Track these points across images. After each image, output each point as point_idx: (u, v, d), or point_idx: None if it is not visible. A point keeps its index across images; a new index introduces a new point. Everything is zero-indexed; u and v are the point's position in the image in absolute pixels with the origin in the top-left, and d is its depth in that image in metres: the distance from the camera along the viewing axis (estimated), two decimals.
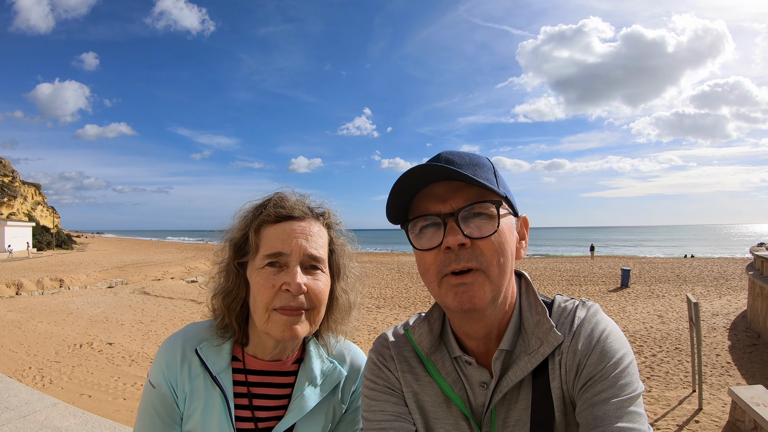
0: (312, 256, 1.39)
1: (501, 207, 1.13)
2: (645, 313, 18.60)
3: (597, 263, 43.87)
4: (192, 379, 1.42)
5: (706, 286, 25.41)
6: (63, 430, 3.41)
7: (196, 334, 1.48)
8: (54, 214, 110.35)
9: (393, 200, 1.17)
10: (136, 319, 20.25)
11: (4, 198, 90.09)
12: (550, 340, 1.13)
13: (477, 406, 1.21)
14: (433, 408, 1.26)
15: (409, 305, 23.32)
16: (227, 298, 1.45)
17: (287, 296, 1.32)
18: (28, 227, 70.36)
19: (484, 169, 1.17)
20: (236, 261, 1.45)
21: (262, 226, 1.41)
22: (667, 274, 31.87)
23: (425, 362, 1.30)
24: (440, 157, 1.18)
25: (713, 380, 10.10)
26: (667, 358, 12.25)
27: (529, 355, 1.14)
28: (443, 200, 1.13)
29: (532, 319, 1.19)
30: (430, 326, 1.31)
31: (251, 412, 1.45)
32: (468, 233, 1.09)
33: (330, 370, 1.54)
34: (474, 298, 1.08)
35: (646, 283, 27.83)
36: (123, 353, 14.67)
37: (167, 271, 42.48)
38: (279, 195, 1.48)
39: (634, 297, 22.98)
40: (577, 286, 27.88)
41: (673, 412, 8.18)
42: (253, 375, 1.48)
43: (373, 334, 16.53)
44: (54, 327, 18.30)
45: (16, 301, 25.56)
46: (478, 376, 1.21)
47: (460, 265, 1.09)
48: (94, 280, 35.47)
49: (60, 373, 12.55)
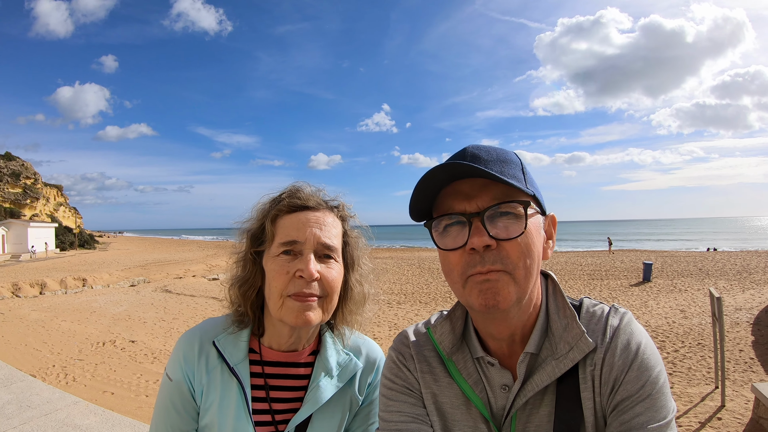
0: (325, 244, 1.42)
1: (529, 207, 1.07)
2: (667, 308, 18.40)
3: (618, 257, 43.27)
4: (209, 372, 1.44)
5: (729, 280, 25.00)
6: (84, 428, 3.45)
7: (213, 326, 1.51)
8: (76, 215, 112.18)
9: (416, 197, 1.13)
10: (158, 316, 20.54)
11: (27, 200, 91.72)
12: (580, 346, 1.08)
13: (497, 409, 1.17)
14: (452, 410, 1.22)
15: (429, 301, 23.34)
16: (243, 286, 1.49)
17: (301, 283, 1.36)
18: (51, 228, 71.49)
19: (511, 166, 1.12)
20: (253, 250, 1.48)
21: (279, 216, 1.45)
22: (690, 267, 31.39)
23: (446, 362, 1.26)
24: (466, 151, 1.14)
25: (736, 376, 9.94)
26: (689, 353, 12.10)
27: (557, 359, 1.10)
28: (469, 198, 1.08)
29: (560, 323, 1.14)
30: (453, 325, 1.27)
31: (268, 404, 1.46)
32: (494, 234, 1.04)
33: (346, 361, 1.56)
34: (498, 296, 1.04)
35: (668, 277, 27.45)
36: (145, 350, 14.88)
37: (189, 269, 42.96)
38: (295, 186, 1.52)
39: (657, 291, 22.72)
40: (599, 281, 27.60)
41: (695, 409, 8.08)
42: (270, 366, 1.50)
43: (393, 330, 16.57)
44: (77, 325, 18.61)
45: (40, 301, 26.04)
46: (500, 379, 1.17)
47: (485, 267, 1.04)
48: (116, 279, 36.00)
49: (83, 371, 12.76)
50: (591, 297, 1.23)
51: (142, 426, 3.51)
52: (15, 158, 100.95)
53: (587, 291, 23.90)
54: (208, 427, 1.44)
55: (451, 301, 22.52)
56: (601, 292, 23.42)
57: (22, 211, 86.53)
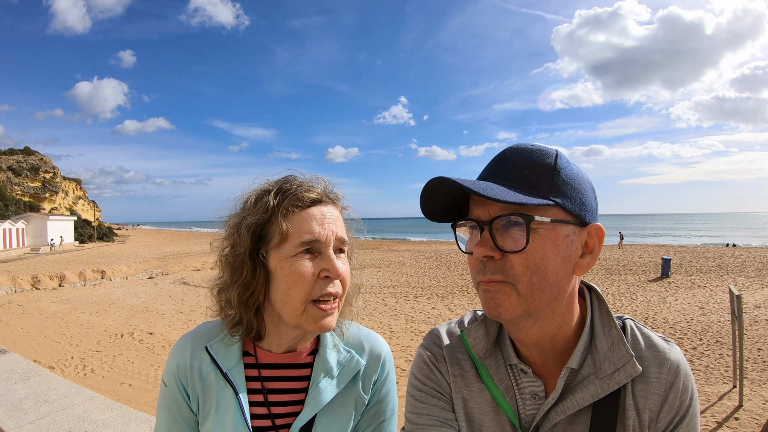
0: (342, 239, 1.34)
1: (532, 221, 0.99)
2: (686, 304, 18.21)
3: (636, 252, 42.80)
4: (203, 379, 1.37)
5: (749, 276, 24.67)
6: (100, 423, 3.50)
7: (207, 331, 1.42)
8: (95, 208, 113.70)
9: (429, 205, 1.12)
10: (176, 308, 20.76)
11: (46, 193, 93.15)
12: (627, 370, 1.03)
13: (525, 418, 1.14)
14: (481, 415, 1.19)
15: (446, 294, 23.24)
16: (245, 293, 1.32)
17: (326, 283, 1.27)
18: (70, 221, 72.53)
19: (535, 172, 1.04)
20: (258, 250, 1.32)
21: (291, 211, 1.31)
22: (708, 263, 31.00)
23: (478, 367, 1.22)
24: (499, 157, 1.11)
25: (754, 376, 9.84)
26: (707, 351, 11.99)
27: (601, 379, 1.05)
28: (484, 205, 1.04)
29: (606, 342, 1.09)
30: (487, 330, 1.23)
31: (267, 408, 1.39)
32: (500, 245, 1.00)
33: (347, 360, 1.47)
34: (500, 307, 1.01)
35: (686, 273, 27.11)
36: (163, 342, 15.07)
37: (207, 262, 43.11)
38: (294, 178, 1.39)
39: (675, 287, 22.43)
40: (617, 276, 27.34)
41: (712, 408, 8.01)
42: (267, 369, 1.42)
43: (410, 323, 16.58)
44: (96, 317, 18.88)
45: (59, 293, 26.45)
46: (531, 387, 1.13)
47: (486, 277, 1.02)
48: (134, 271, 36.42)
49: (101, 362, 12.95)
50: (632, 318, 1.18)
51: None
52: (34, 153, 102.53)
53: (605, 286, 23.69)
54: None
55: (468, 294, 22.50)
56: (618, 287, 23.21)
57: (42, 205, 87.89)
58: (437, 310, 19.11)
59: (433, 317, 17.88)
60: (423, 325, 16.66)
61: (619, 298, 20.38)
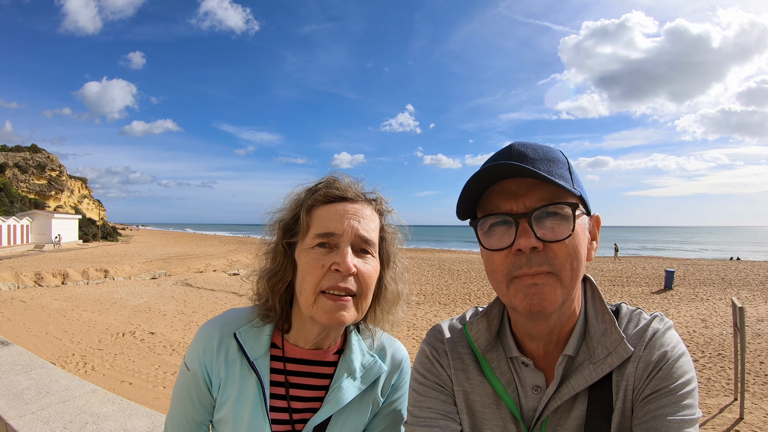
0: (363, 238, 1.35)
1: (577, 208, 1.06)
2: (688, 317, 18.17)
3: (640, 264, 42.69)
4: (228, 365, 1.40)
5: (752, 290, 24.57)
6: (101, 415, 3.51)
7: (235, 318, 1.46)
8: (100, 207, 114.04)
9: (465, 196, 1.12)
10: (178, 309, 20.80)
11: (52, 191, 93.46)
12: (619, 352, 1.07)
13: (528, 410, 1.16)
14: (483, 408, 1.21)
15: (449, 302, 23.28)
16: (273, 279, 1.42)
17: (336, 276, 1.29)
18: (75, 219, 72.73)
19: (558, 165, 1.10)
20: (285, 241, 1.41)
21: (314, 207, 1.38)
22: (712, 276, 30.88)
23: (480, 360, 1.25)
24: (512, 149, 1.12)
25: (756, 389, 9.81)
26: (709, 364, 11.95)
27: (594, 364, 1.09)
28: (516, 198, 1.06)
29: (599, 327, 1.13)
30: (489, 323, 1.26)
31: (287, 402, 1.41)
32: (541, 235, 1.03)
33: (370, 364, 1.49)
34: (544, 301, 1.03)
35: (690, 285, 27.03)
36: (164, 342, 15.10)
37: (210, 264, 43.38)
38: (332, 177, 1.45)
39: (678, 300, 22.41)
40: (620, 287, 27.30)
41: (713, 420, 7.98)
42: (292, 363, 1.44)
43: (411, 330, 16.57)
44: (98, 316, 18.92)
45: (62, 290, 26.53)
46: (532, 379, 1.17)
47: (532, 269, 1.03)
48: (137, 271, 36.50)
49: (102, 360, 12.99)
50: (627, 303, 1.21)
51: (159, 416, 3.54)
52: (41, 150, 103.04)
53: (608, 297, 23.23)
54: (223, 420, 1.40)
55: (470, 303, 22.49)
56: (621, 298, 23.16)
57: (47, 203, 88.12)
58: (439, 318, 19.07)
59: None
60: (424, 332, 16.55)
61: None
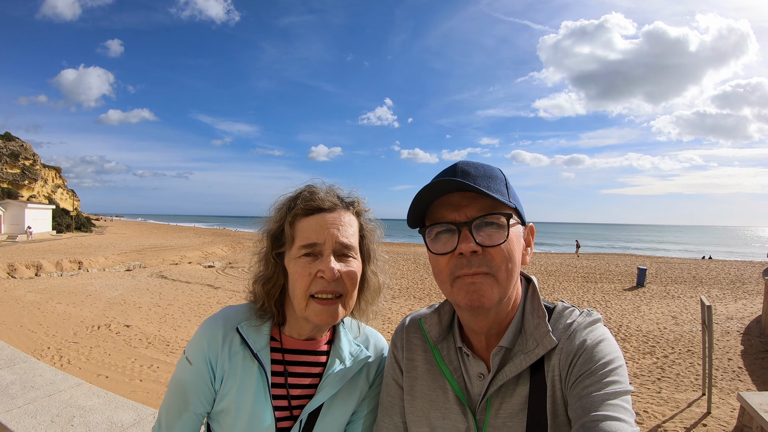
0: (344, 244, 1.50)
1: (511, 218, 1.24)
2: (659, 314, 18.53)
3: (613, 261, 43.21)
4: (232, 357, 1.52)
5: (722, 288, 25.15)
6: (87, 409, 3.54)
7: (236, 314, 1.59)
8: (74, 197, 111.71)
9: (415, 208, 1.29)
10: (153, 302, 20.62)
11: (25, 181, 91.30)
12: (545, 343, 1.24)
13: (474, 395, 1.35)
14: (431, 392, 1.42)
15: (424, 296, 23.44)
16: (267, 284, 1.57)
17: (323, 282, 1.44)
18: (48, 209, 71.23)
19: (496, 181, 1.28)
20: (274, 251, 1.56)
21: (296, 219, 1.52)
22: (684, 275, 31.54)
23: (432, 349, 1.48)
24: (456, 167, 1.30)
25: (723, 384, 10.11)
26: (678, 359, 12.26)
27: (525, 354, 1.26)
28: (459, 209, 1.24)
29: (533, 322, 1.30)
30: (440, 318, 1.48)
31: (286, 390, 1.55)
32: (480, 241, 1.21)
33: (357, 352, 1.66)
34: (483, 297, 1.21)
35: (661, 283, 27.61)
36: (140, 335, 14.98)
37: (185, 256, 42.94)
38: (310, 189, 1.58)
39: (650, 297, 22.83)
40: (593, 284, 27.71)
41: (681, 414, 8.22)
42: (290, 354, 1.59)
43: (386, 323, 16.64)
44: (72, 308, 18.68)
45: (35, 282, 26.10)
46: (476, 368, 1.36)
47: (472, 270, 1.21)
48: (112, 263, 35.99)
49: (78, 353, 12.86)
50: (566, 301, 1.40)
51: (144, 408, 3.59)
52: (14, 138, 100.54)
53: (581, 293, 24.01)
54: (225, 411, 1.51)
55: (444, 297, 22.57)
56: (594, 294, 23.54)
57: (20, 192, 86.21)
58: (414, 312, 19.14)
59: None
60: None
61: (594, 305, 20.63)
